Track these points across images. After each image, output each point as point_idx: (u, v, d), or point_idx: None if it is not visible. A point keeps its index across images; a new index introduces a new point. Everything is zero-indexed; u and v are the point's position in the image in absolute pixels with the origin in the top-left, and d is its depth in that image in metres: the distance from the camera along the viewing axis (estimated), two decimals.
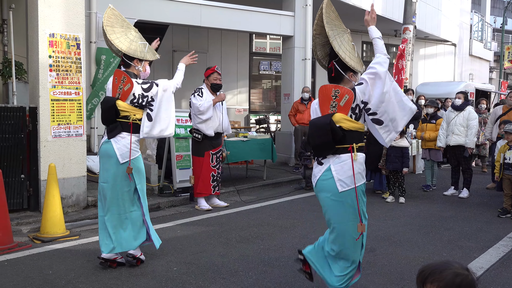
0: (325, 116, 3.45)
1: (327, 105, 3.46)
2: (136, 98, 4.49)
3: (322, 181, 3.46)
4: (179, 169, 7.58)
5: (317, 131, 3.43)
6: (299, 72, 11.30)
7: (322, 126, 3.39)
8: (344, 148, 3.41)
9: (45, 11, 6.15)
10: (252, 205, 7.38)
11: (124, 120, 4.47)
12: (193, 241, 5.42)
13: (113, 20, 4.61)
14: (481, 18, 24.81)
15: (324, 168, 3.45)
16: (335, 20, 3.58)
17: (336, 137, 3.36)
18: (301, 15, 11.22)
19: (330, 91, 3.44)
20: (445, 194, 8.40)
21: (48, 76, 6.18)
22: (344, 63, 3.47)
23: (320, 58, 3.74)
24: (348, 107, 3.40)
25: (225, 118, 7.08)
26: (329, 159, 3.45)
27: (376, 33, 3.62)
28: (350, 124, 3.40)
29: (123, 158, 4.42)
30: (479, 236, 5.82)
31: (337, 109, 3.42)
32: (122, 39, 4.56)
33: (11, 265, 4.56)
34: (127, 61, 4.58)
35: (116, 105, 4.43)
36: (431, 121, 8.80)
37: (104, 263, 4.45)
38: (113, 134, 4.46)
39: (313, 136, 3.48)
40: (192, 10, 9.76)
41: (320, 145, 3.44)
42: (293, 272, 4.43)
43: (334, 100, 3.42)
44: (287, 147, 11.36)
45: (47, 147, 6.21)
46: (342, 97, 3.39)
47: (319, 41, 3.66)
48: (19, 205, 6.17)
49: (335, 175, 3.39)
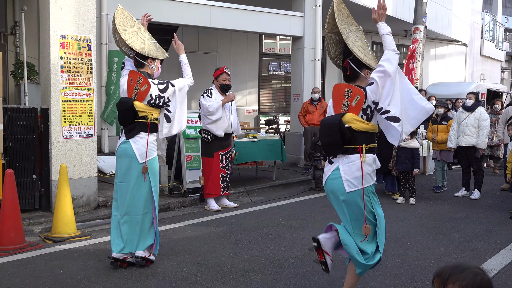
0: (335, 115, 3.45)
1: (340, 104, 3.45)
2: (153, 99, 4.54)
3: (331, 180, 3.47)
4: (189, 169, 7.60)
5: (326, 130, 3.44)
6: (309, 73, 11.29)
7: (331, 126, 3.40)
8: (354, 148, 3.39)
9: (56, 13, 6.20)
10: (262, 206, 7.38)
11: (142, 120, 4.51)
12: (203, 241, 5.43)
13: (124, 20, 4.64)
14: (492, 18, 24.61)
15: (334, 168, 3.46)
16: (346, 18, 3.56)
17: (344, 137, 3.35)
18: (311, 16, 11.21)
19: (343, 90, 3.43)
20: (456, 195, 8.35)
21: (59, 77, 6.23)
22: (359, 60, 3.44)
23: (333, 57, 3.72)
24: (359, 107, 3.38)
25: (234, 118, 7.09)
26: (339, 158, 3.45)
27: (385, 29, 3.54)
28: (360, 125, 3.39)
29: (142, 158, 4.48)
30: (490, 238, 5.78)
31: (348, 108, 3.40)
32: (135, 39, 4.58)
33: (23, 265, 4.60)
34: (140, 61, 4.60)
35: (134, 106, 4.47)
36: (442, 122, 8.73)
37: (114, 263, 4.48)
38: (131, 134, 4.50)
39: (323, 135, 3.51)
40: (202, 11, 9.79)
41: (329, 144, 3.45)
42: (303, 273, 4.43)
43: (347, 99, 3.40)
44: (296, 147, 11.35)
45: (58, 147, 6.26)
46: (354, 97, 3.37)
47: (331, 39, 3.64)
48: (30, 205, 6.22)
49: (342, 175, 3.39)
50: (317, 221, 6.45)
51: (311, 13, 11.21)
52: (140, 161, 4.48)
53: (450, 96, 13.15)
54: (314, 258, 3.72)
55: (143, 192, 4.53)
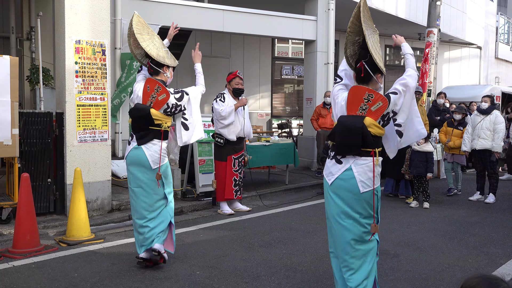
0: (356, 117, 3.42)
1: (356, 106, 3.43)
2: (170, 108, 4.61)
3: (342, 180, 3.44)
4: (201, 173, 7.63)
5: (346, 131, 3.41)
6: (321, 76, 11.27)
7: (353, 129, 3.38)
8: (367, 151, 3.40)
9: (71, 18, 6.28)
10: (274, 210, 7.38)
11: (157, 128, 4.56)
12: (215, 245, 5.45)
13: (140, 28, 4.68)
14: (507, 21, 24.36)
15: (345, 168, 3.44)
16: (368, 20, 3.57)
17: (366, 142, 3.37)
18: (323, 20, 11.20)
19: (363, 93, 3.41)
20: (470, 200, 8.27)
21: (74, 82, 6.30)
22: (375, 64, 3.46)
23: (348, 56, 3.71)
24: (379, 114, 3.39)
25: (247, 122, 7.11)
26: (349, 159, 3.44)
27: (409, 49, 3.69)
28: (377, 130, 3.41)
29: (155, 164, 4.54)
30: (505, 242, 5.71)
31: (366, 112, 3.40)
32: (151, 46, 4.63)
33: (38, 268, 4.65)
34: (156, 68, 4.65)
35: (151, 114, 4.52)
36: (458, 127, 8.66)
37: (141, 262, 4.58)
38: (144, 140, 4.55)
39: (341, 135, 3.45)
40: (215, 15, 9.84)
41: (347, 145, 3.42)
42: (316, 277, 4.42)
43: (366, 103, 3.39)
44: (309, 151, 11.33)
45: (73, 151, 6.32)
46: (375, 102, 3.37)
47: (350, 39, 3.64)
48: (45, 208, 6.29)
49: (357, 176, 3.39)
50: None
51: (323, 16, 11.20)
52: (153, 167, 4.53)
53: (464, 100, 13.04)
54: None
55: (156, 198, 4.60)
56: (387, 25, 14.87)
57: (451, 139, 8.57)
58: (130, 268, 4.61)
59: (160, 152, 4.55)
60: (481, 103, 8.21)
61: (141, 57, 4.76)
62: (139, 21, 4.71)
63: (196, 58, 5.07)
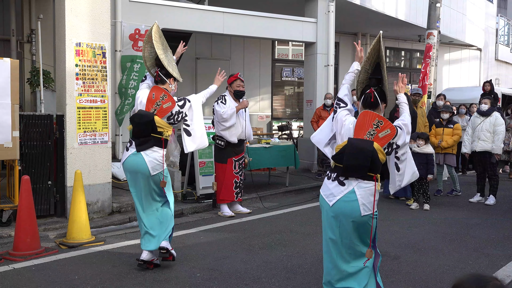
0: (366, 141, 3.46)
1: (364, 130, 3.49)
2: (173, 115, 4.66)
3: (344, 202, 3.45)
4: (202, 175, 7.63)
5: (357, 153, 3.43)
6: (322, 78, 11.28)
7: (364, 151, 3.41)
8: (371, 175, 3.45)
9: (72, 21, 6.29)
10: (275, 212, 7.38)
11: (158, 135, 4.58)
12: (216, 247, 5.45)
13: (158, 36, 4.77)
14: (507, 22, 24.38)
15: (348, 190, 3.45)
16: (382, 51, 3.70)
17: (374, 165, 3.42)
18: (323, 22, 11.21)
19: (373, 119, 3.48)
20: (470, 201, 8.27)
21: (74, 85, 6.31)
22: (384, 94, 3.63)
23: (359, 82, 3.83)
24: (386, 141, 3.48)
25: (248, 125, 7.12)
26: (352, 181, 3.45)
27: (404, 99, 3.83)
28: (381, 157, 3.47)
29: (154, 171, 4.55)
30: (506, 244, 5.71)
31: (373, 138, 3.46)
32: (163, 56, 4.73)
33: (38, 270, 4.66)
34: (163, 78, 4.71)
35: (154, 121, 4.54)
36: (448, 125, 8.68)
37: (142, 265, 4.60)
38: (144, 147, 4.56)
39: (351, 156, 3.44)
40: (215, 18, 9.85)
41: (355, 166, 3.43)
42: (316, 279, 4.42)
43: (374, 129, 3.47)
44: (309, 153, 11.33)
45: (73, 154, 6.33)
46: (383, 129, 3.46)
47: (364, 66, 3.78)
48: (46, 211, 6.29)
49: (359, 199, 3.41)
50: None
51: (324, 19, 11.21)
52: (152, 173, 4.55)
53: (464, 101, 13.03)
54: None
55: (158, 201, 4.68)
56: (387, 27, 14.87)
57: (443, 139, 8.57)
58: (131, 271, 4.62)
59: (163, 160, 4.57)
60: (481, 105, 8.21)
61: (151, 65, 4.79)
62: (158, 31, 4.81)
63: (216, 81, 5.39)
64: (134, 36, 9.03)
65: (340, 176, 3.49)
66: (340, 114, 3.69)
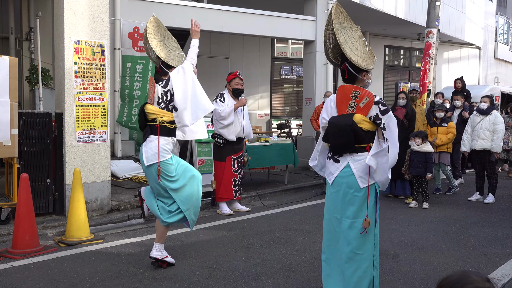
0: (345, 116, 3.49)
1: (345, 104, 3.52)
2: (160, 99, 4.56)
3: (341, 178, 3.52)
4: (201, 173, 7.59)
5: (338, 131, 3.49)
6: (321, 76, 11.28)
7: (343, 127, 3.46)
8: (362, 147, 3.48)
9: (70, 18, 6.28)
10: (274, 210, 7.38)
11: (152, 123, 4.55)
12: (215, 245, 5.45)
13: (156, 29, 4.75)
14: (507, 21, 24.37)
15: (343, 166, 3.52)
16: (344, 22, 3.63)
17: (358, 138, 3.44)
18: (322, 20, 11.19)
19: (349, 92, 3.50)
20: (469, 200, 8.27)
21: (73, 82, 6.30)
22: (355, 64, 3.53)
23: (332, 59, 3.79)
24: (368, 109, 3.46)
25: (246, 123, 7.11)
26: (346, 157, 3.52)
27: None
28: (368, 125, 3.48)
29: (148, 161, 4.48)
30: (505, 243, 5.72)
31: (355, 109, 3.48)
32: (163, 47, 4.69)
33: (37, 268, 4.65)
34: (164, 69, 4.68)
35: (145, 108, 4.55)
36: (442, 124, 8.68)
37: (155, 263, 4.59)
38: (144, 138, 4.60)
39: (334, 136, 3.54)
40: (214, 16, 9.84)
41: (340, 144, 3.50)
42: (315, 277, 4.42)
43: (354, 100, 3.48)
44: (308, 152, 11.30)
45: (72, 152, 6.32)
46: (362, 98, 3.46)
47: (329, 44, 3.71)
48: (45, 209, 6.29)
49: (355, 172, 3.47)
50: None
51: (323, 17, 11.20)
52: (146, 163, 4.49)
53: None
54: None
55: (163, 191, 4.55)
56: (386, 25, 14.87)
57: (438, 137, 8.58)
58: (130, 269, 4.61)
59: (158, 148, 4.45)
60: (481, 104, 8.22)
61: (156, 57, 4.77)
62: (156, 23, 4.79)
63: (195, 34, 4.90)
64: (133, 34, 9.02)
65: (334, 154, 3.57)
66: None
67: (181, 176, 4.56)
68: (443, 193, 8.82)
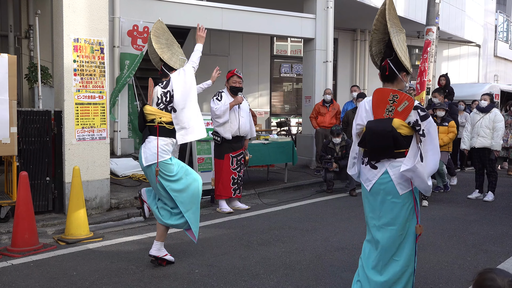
0: (384, 121, 3.39)
1: (383, 108, 3.41)
2: (159, 99, 4.55)
3: (380, 184, 3.43)
4: (200, 171, 7.62)
5: (377, 137, 3.37)
6: (320, 74, 11.26)
7: (382, 133, 3.34)
8: (401, 152, 3.39)
9: (69, 16, 6.27)
10: (273, 208, 7.37)
11: (151, 124, 4.55)
12: (214, 243, 5.45)
13: (160, 32, 4.77)
14: (506, 19, 24.36)
15: (381, 172, 3.43)
16: (394, 18, 3.56)
17: (398, 144, 3.35)
18: (322, 18, 11.19)
19: (387, 95, 3.39)
20: (469, 198, 8.27)
21: (72, 80, 6.29)
22: (400, 62, 3.45)
23: (373, 55, 3.70)
24: (407, 113, 3.35)
25: (245, 121, 7.08)
26: (384, 163, 3.42)
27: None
28: (407, 131, 3.38)
29: (147, 161, 4.49)
30: (504, 241, 5.72)
31: (393, 114, 3.38)
32: (165, 50, 4.72)
33: (36, 266, 4.65)
34: (166, 71, 4.69)
35: (144, 110, 4.55)
36: (442, 124, 8.65)
37: (154, 261, 4.61)
38: (143, 139, 4.61)
39: (372, 141, 3.41)
40: (213, 13, 9.82)
41: (379, 150, 3.41)
42: (315, 275, 4.42)
43: (391, 104, 3.38)
44: (308, 149, 11.33)
45: (71, 150, 6.31)
46: (400, 102, 3.35)
47: (376, 36, 3.63)
48: (44, 207, 6.28)
49: (394, 178, 3.38)
50: (329, 223, 6.43)
51: (322, 14, 11.19)
52: (144, 164, 4.50)
53: (463, 98, 13.04)
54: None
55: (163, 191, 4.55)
56: None
57: (439, 137, 8.54)
58: (129, 267, 4.61)
59: (157, 149, 4.44)
60: (481, 101, 8.21)
61: (157, 61, 4.78)
62: (161, 26, 4.82)
63: (200, 39, 4.97)
64: (133, 32, 9.01)
65: (371, 160, 3.46)
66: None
67: (183, 177, 4.56)
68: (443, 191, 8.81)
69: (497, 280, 1.78)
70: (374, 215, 3.50)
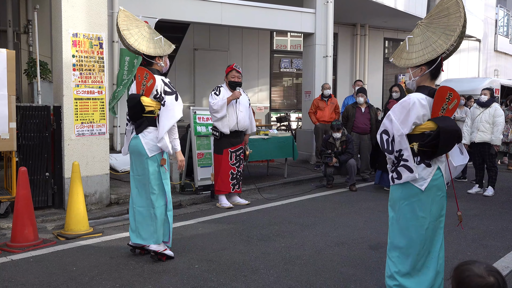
0: (451, 121, 3.37)
1: (440, 106, 3.36)
2: (158, 94, 4.57)
3: (433, 181, 3.45)
4: (200, 167, 7.62)
5: (452, 137, 3.33)
6: (320, 69, 11.24)
7: (453, 132, 3.32)
8: None
9: (68, 11, 6.24)
10: (273, 203, 7.37)
11: (150, 114, 4.57)
12: (214, 238, 5.45)
13: (127, 22, 4.70)
14: (507, 13, 24.30)
15: (435, 169, 3.44)
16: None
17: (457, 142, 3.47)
18: (322, 12, 11.16)
19: (445, 93, 3.34)
20: (469, 192, 8.27)
21: (71, 76, 6.27)
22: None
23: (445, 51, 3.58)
24: (454, 111, 3.40)
25: (244, 116, 7.05)
26: (436, 160, 3.44)
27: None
28: None
29: (151, 152, 4.56)
30: (504, 235, 5.72)
31: (445, 112, 3.36)
32: (140, 40, 4.66)
33: (36, 262, 4.65)
34: (149, 60, 4.69)
35: (141, 101, 4.53)
36: None
37: (132, 250, 4.71)
38: (140, 129, 4.59)
39: (448, 141, 3.33)
40: (213, 8, 9.78)
41: (449, 149, 3.43)
42: (315, 270, 4.42)
43: (447, 103, 3.34)
44: (308, 144, 11.33)
45: (71, 145, 6.30)
46: (453, 100, 3.34)
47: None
48: (44, 202, 6.28)
49: (443, 174, 3.53)
50: (329, 218, 6.43)
51: (322, 9, 11.15)
52: (149, 155, 4.55)
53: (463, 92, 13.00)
54: None
55: (157, 185, 4.61)
56: (386, 18, 14.80)
57: None
58: (129, 262, 4.61)
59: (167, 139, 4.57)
60: (481, 96, 8.20)
61: (136, 51, 4.74)
62: (126, 16, 4.73)
63: (180, 156, 4.90)
64: None
65: (426, 159, 3.40)
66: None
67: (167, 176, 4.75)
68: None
69: (474, 269, 1.93)
70: (425, 215, 3.50)
